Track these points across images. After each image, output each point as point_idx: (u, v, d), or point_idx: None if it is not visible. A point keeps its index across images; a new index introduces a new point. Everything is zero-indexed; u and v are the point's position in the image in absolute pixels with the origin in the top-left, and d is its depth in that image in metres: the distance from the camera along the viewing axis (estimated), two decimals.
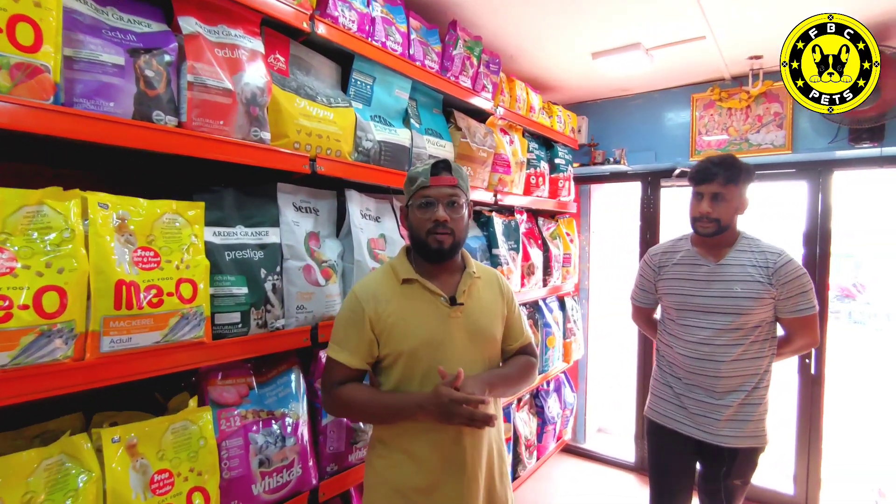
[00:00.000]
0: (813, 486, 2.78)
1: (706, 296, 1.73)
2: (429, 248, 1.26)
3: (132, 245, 1.06)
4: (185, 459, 1.16)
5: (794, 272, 1.64)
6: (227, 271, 1.25)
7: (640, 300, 2.02)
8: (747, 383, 1.69)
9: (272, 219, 1.40)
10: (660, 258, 1.91)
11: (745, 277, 1.67)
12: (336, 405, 1.29)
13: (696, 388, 1.75)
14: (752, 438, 1.69)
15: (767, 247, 1.71)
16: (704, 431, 1.72)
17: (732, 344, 1.67)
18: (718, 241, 1.74)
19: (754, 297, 1.64)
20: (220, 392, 1.33)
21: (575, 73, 2.86)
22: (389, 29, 1.72)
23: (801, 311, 1.65)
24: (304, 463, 1.42)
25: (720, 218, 1.67)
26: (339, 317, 1.30)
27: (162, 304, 1.07)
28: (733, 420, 1.68)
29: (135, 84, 1.05)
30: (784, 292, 1.64)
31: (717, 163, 1.66)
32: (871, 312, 9.50)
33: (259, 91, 1.27)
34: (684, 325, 1.78)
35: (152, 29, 1.14)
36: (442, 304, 1.28)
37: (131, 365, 1.04)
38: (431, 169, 1.25)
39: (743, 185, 1.68)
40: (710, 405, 1.71)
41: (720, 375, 1.69)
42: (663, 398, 1.86)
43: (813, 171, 2.76)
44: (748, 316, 1.65)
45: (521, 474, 2.62)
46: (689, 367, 1.76)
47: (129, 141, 1.03)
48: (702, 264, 1.76)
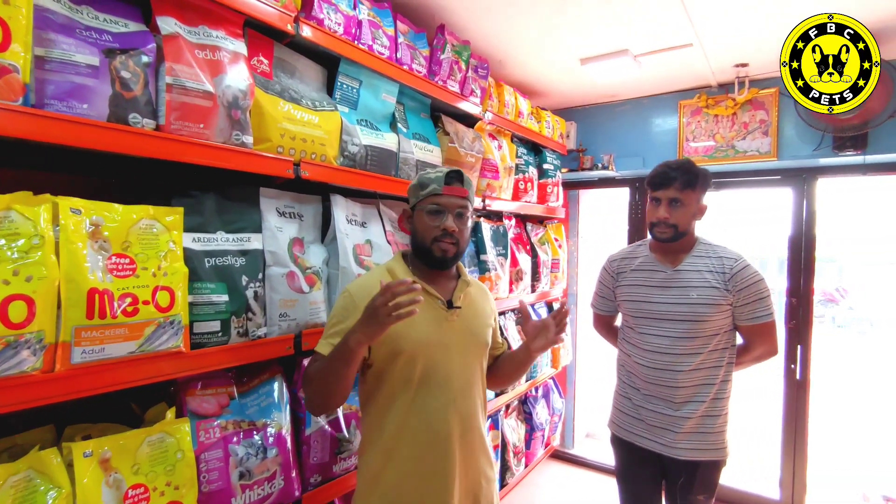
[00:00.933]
0: (799, 491, 2.80)
1: (662, 302, 1.69)
2: (433, 254, 1.27)
3: (106, 252, 1.02)
4: (161, 473, 1.12)
5: (750, 278, 1.60)
6: (207, 278, 1.22)
7: (599, 307, 1.99)
8: (705, 393, 1.64)
9: (254, 224, 1.37)
10: (618, 264, 1.87)
11: (702, 283, 1.63)
12: (306, 386, 1.23)
13: (654, 398, 1.69)
14: (712, 451, 1.63)
15: (725, 252, 1.67)
16: (662, 444, 1.67)
17: (690, 353, 1.63)
18: (676, 247, 1.70)
19: (710, 304, 1.61)
20: (199, 402, 1.29)
21: (563, 78, 2.86)
22: (376, 32, 1.70)
23: (757, 318, 1.61)
24: (287, 474, 1.39)
25: (677, 223, 1.63)
26: (333, 315, 1.26)
27: (137, 312, 1.03)
28: (692, 432, 1.63)
29: (110, 85, 1.02)
30: (740, 298, 1.61)
31: (674, 167, 1.63)
32: (854, 317, 9.65)
33: (241, 94, 1.24)
34: (641, 333, 1.74)
35: (129, 29, 1.10)
36: (440, 306, 1.29)
37: (104, 376, 1.00)
38: (445, 178, 1.26)
39: (700, 191, 1.65)
40: (669, 417, 1.66)
41: (678, 385, 1.64)
42: (623, 411, 1.81)
43: (798, 178, 2.79)
44: (705, 323, 1.61)
45: (510, 481, 2.60)
46: (646, 378, 1.71)
47: (103, 144, 1.00)
48: (658, 270, 1.72)
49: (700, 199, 1.67)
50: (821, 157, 2.60)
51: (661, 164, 1.69)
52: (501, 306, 2.47)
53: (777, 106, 2.72)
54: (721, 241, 1.74)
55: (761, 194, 3.22)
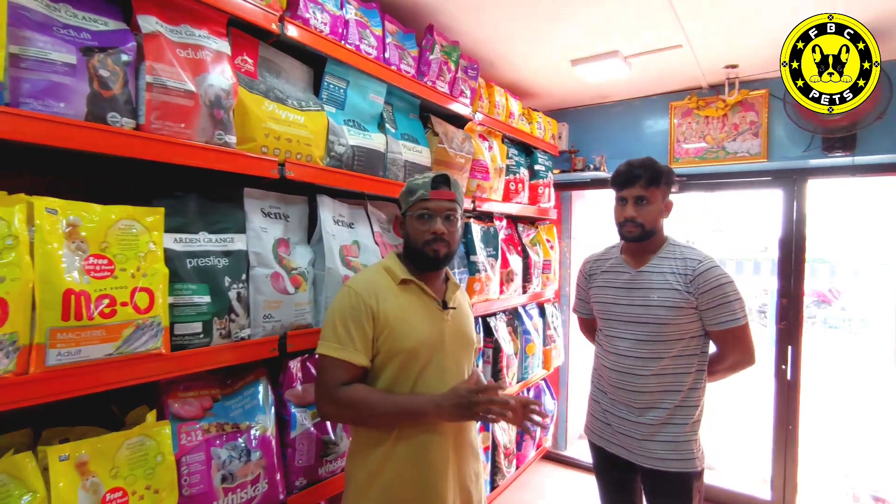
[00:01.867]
0: (790, 491, 2.80)
1: (625, 304, 1.66)
2: (426, 256, 1.32)
3: (84, 252, 1.01)
4: (140, 477, 1.11)
5: (714, 280, 1.54)
6: (189, 279, 1.20)
7: (579, 310, 1.97)
8: (669, 400, 1.58)
9: (238, 225, 1.35)
10: (591, 266, 1.86)
11: (663, 285, 1.59)
12: (340, 407, 1.22)
13: (618, 403, 1.66)
14: (679, 462, 1.56)
15: (691, 253, 1.61)
16: (628, 450, 1.64)
17: (652, 357, 1.59)
18: (644, 248, 1.67)
19: (670, 306, 1.56)
20: (181, 405, 1.28)
21: (554, 79, 2.86)
22: (364, 32, 1.69)
23: (724, 322, 1.54)
24: (271, 477, 1.37)
25: (644, 221, 1.60)
26: (336, 314, 1.25)
27: (115, 314, 1.02)
28: (655, 440, 1.58)
29: (88, 84, 1.01)
30: (704, 302, 1.54)
31: (637, 165, 1.60)
32: (846, 317, 9.71)
33: (224, 93, 1.23)
34: (609, 335, 1.71)
35: (109, 27, 1.09)
36: (436, 307, 1.35)
37: (81, 379, 0.98)
38: (432, 183, 1.32)
39: (665, 188, 1.62)
40: (631, 422, 1.62)
41: (640, 390, 1.60)
42: (593, 415, 1.79)
43: (788, 179, 2.80)
44: (666, 326, 1.56)
45: (500, 483, 2.59)
46: (612, 381, 1.68)
47: (80, 143, 0.98)
48: (624, 272, 1.70)
49: (665, 196, 1.65)
50: (811, 158, 2.61)
51: (624, 162, 1.66)
52: (492, 307, 2.46)
53: (767, 107, 2.73)
54: (713, 243, 1.71)
55: (752, 196, 3.23)
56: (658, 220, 1.64)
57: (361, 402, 1.20)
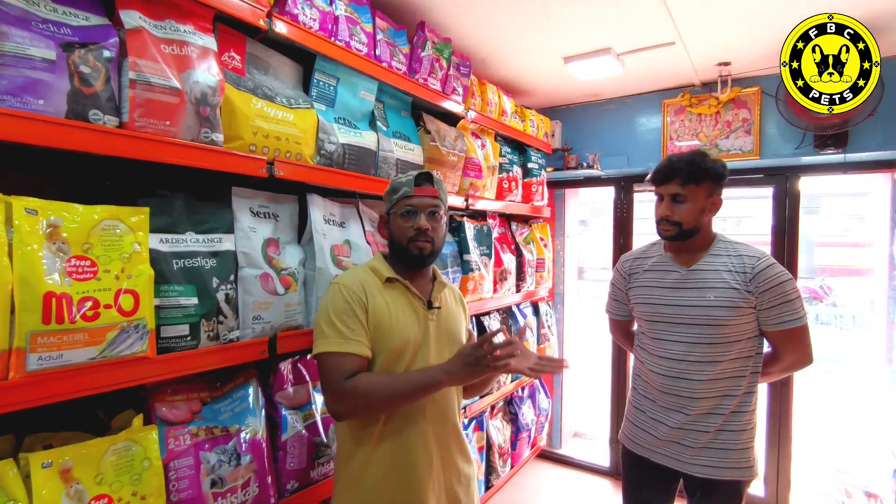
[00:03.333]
0: (783, 488, 2.81)
1: (677, 305, 1.56)
2: (410, 254, 1.31)
3: (65, 254, 0.98)
4: (126, 483, 1.08)
5: (775, 278, 1.45)
6: (175, 281, 1.18)
7: (614, 312, 1.86)
8: (725, 405, 1.50)
9: (226, 225, 1.33)
10: (630, 265, 1.75)
11: (720, 284, 1.50)
12: (357, 399, 1.17)
13: (669, 410, 1.56)
14: (734, 470, 1.48)
15: (746, 250, 1.53)
16: (677, 459, 1.54)
17: (708, 360, 1.50)
18: (691, 246, 1.58)
19: (729, 307, 1.47)
20: (169, 408, 1.25)
21: (547, 77, 2.85)
22: (354, 28, 1.66)
23: (785, 322, 1.45)
24: (262, 481, 1.35)
25: (681, 221, 1.52)
26: (331, 311, 1.23)
27: (98, 317, 0.99)
28: (710, 448, 1.50)
29: (68, 81, 0.98)
30: (764, 301, 1.46)
31: (677, 160, 1.52)
32: (838, 314, 9.78)
33: (210, 90, 1.20)
34: (656, 338, 1.61)
35: (91, 22, 1.06)
36: (421, 306, 1.34)
37: (63, 383, 0.96)
38: (415, 180, 1.32)
39: (708, 185, 1.51)
40: (684, 431, 1.53)
41: (695, 396, 1.51)
42: (636, 423, 1.68)
43: (780, 177, 2.81)
44: (724, 327, 1.48)
45: (495, 483, 2.58)
46: (661, 387, 1.58)
47: (60, 142, 0.95)
48: (672, 270, 1.60)
49: (710, 194, 1.53)
50: (802, 155, 2.62)
51: (667, 156, 1.58)
52: (486, 306, 2.45)
53: (759, 105, 2.73)
54: None
55: (744, 193, 3.23)
56: (699, 220, 1.53)
57: (375, 389, 1.17)
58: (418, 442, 1.28)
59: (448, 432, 1.36)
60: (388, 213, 1.38)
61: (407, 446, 1.27)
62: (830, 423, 4.73)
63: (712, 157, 1.53)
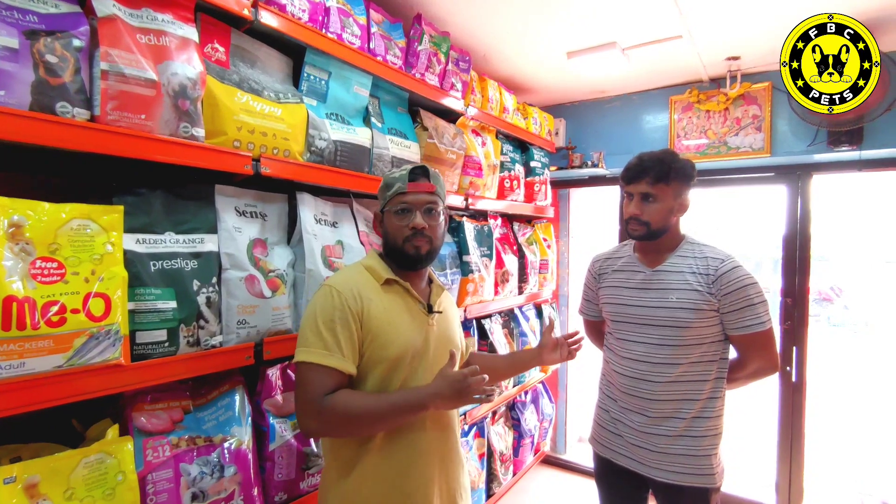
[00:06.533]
0: (795, 495, 2.72)
1: (640, 305, 1.55)
2: (406, 254, 1.22)
3: (30, 255, 0.92)
4: (99, 498, 1.02)
5: (737, 281, 1.43)
6: (152, 283, 1.12)
7: (586, 312, 1.85)
8: (686, 409, 1.47)
9: (209, 224, 1.27)
10: (601, 265, 1.74)
11: (682, 286, 1.48)
12: (333, 419, 1.07)
13: (631, 412, 1.55)
14: (696, 476, 1.46)
15: (712, 252, 1.50)
16: (641, 463, 1.53)
17: (669, 362, 1.48)
18: (658, 246, 1.56)
19: (691, 308, 1.45)
20: (148, 418, 1.19)
21: (550, 73, 2.77)
22: (346, 20, 1.60)
23: (747, 327, 1.43)
24: (248, 493, 1.29)
25: (650, 220, 1.49)
26: (319, 316, 1.12)
27: (65, 322, 0.93)
28: (671, 453, 1.48)
29: (32, 71, 0.92)
30: (727, 304, 1.43)
31: (647, 159, 1.49)
32: (850, 316, 9.61)
33: (190, 82, 1.14)
34: (620, 339, 1.60)
35: (61, 10, 1.00)
36: (421, 310, 1.26)
37: (25, 394, 0.90)
38: (409, 175, 1.22)
39: (677, 185, 1.48)
40: (645, 434, 1.51)
41: (655, 398, 1.49)
42: (601, 424, 1.67)
43: (792, 175, 2.71)
44: (686, 329, 1.46)
45: (497, 491, 2.50)
46: (624, 388, 1.57)
47: (24, 136, 0.90)
48: (638, 271, 1.59)
49: (679, 195, 1.51)
50: (815, 153, 2.52)
51: (637, 155, 1.54)
52: (487, 309, 2.37)
53: (770, 100, 2.64)
54: (713, 241, 1.60)
55: (755, 192, 3.14)
56: (667, 220, 1.51)
57: (353, 411, 1.07)
58: (420, 461, 1.19)
59: (450, 447, 1.29)
60: (381, 211, 1.28)
61: (408, 466, 1.18)
62: (845, 430, 4.60)
63: (682, 157, 1.51)
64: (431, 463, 1.21)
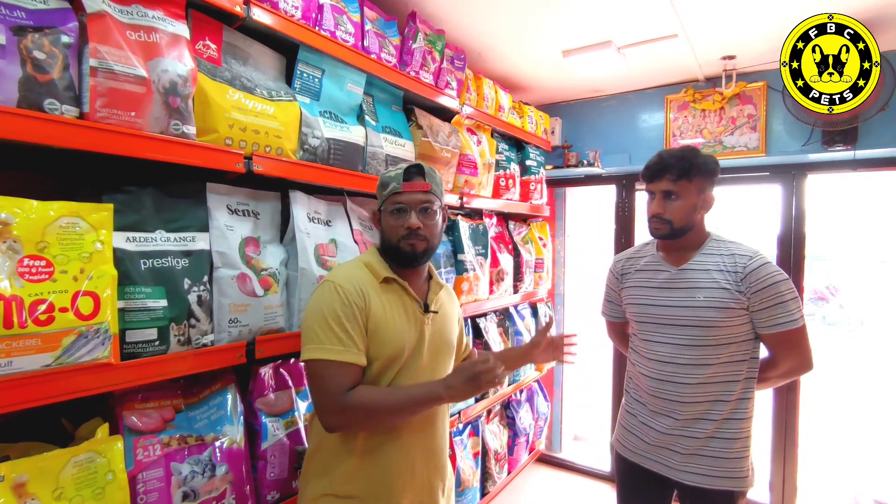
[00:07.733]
0: (789, 495, 2.73)
1: (665, 305, 1.51)
2: (402, 252, 1.23)
3: (17, 253, 0.91)
4: (88, 498, 1.01)
5: (768, 278, 1.38)
6: (142, 282, 1.11)
7: (609, 313, 1.81)
8: (716, 411, 1.44)
9: (200, 222, 1.26)
10: (623, 265, 1.70)
11: (710, 284, 1.44)
12: (356, 415, 1.11)
13: (659, 415, 1.51)
14: (726, 479, 1.42)
15: (739, 249, 1.47)
16: (668, 466, 1.49)
17: (698, 363, 1.44)
18: (683, 244, 1.52)
19: (719, 307, 1.41)
20: (138, 416, 1.19)
21: (546, 72, 2.77)
22: (340, 18, 1.59)
23: (779, 325, 1.39)
24: (240, 492, 1.29)
25: (673, 219, 1.46)
26: (327, 312, 1.12)
27: (53, 321, 0.93)
28: (700, 455, 1.44)
29: (20, 67, 0.91)
30: (757, 302, 1.39)
31: (667, 156, 1.46)
32: (845, 315, 9.64)
33: (180, 80, 1.13)
34: (645, 340, 1.56)
35: (48, 6, 0.99)
36: (417, 309, 1.27)
37: (12, 393, 0.89)
38: (404, 174, 1.22)
39: (701, 181, 1.45)
40: (673, 436, 1.48)
41: (684, 400, 1.46)
42: (627, 428, 1.64)
43: (787, 174, 2.72)
44: (714, 329, 1.42)
45: (491, 490, 2.50)
46: (651, 391, 1.53)
47: (10, 133, 0.89)
48: (663, 270, 1.55)
49: (702, 191, 1.47)
50: (810, 152, 2.53)
51: (658, 152, 1.51)
52: (482, 308, 2.37)
53: (765, 100, 2.64)
54: None
55: (750, 191, 3.15)
56: (691, 217, 1.47)
57: (375, 406, 1.11)
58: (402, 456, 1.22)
59: (436, 443, 1.31)
60: (378, 210, 1.29)
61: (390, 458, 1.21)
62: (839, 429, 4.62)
63: (704, 154, 1.48)
64: (413, 456, 1.24)
